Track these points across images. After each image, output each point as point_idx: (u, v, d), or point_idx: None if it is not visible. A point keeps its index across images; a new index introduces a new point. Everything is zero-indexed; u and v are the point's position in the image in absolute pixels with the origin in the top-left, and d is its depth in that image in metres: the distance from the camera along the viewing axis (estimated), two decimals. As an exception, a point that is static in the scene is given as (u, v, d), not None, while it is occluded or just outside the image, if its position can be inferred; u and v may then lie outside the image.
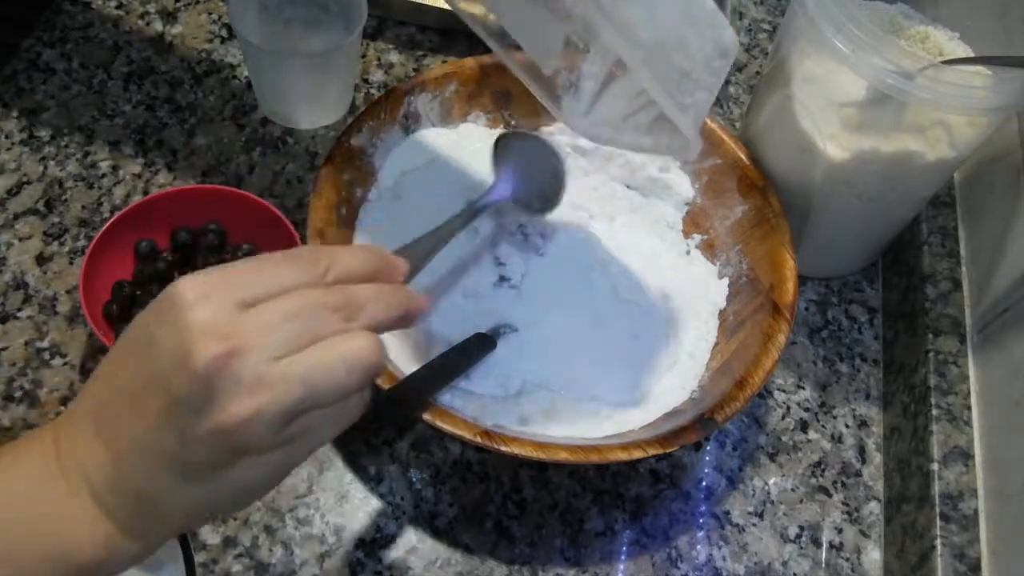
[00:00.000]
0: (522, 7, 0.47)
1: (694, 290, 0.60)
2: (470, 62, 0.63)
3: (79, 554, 0.32)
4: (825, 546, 0.55)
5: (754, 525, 0.56)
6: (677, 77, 0.42)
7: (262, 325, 0.30)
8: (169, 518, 0.33)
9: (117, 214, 0.54)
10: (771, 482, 0.57)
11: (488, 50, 0.53)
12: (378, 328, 0.33)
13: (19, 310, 0.57)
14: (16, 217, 0.61)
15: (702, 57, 0.42)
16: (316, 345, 0.31)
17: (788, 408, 0.61)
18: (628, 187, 0.65)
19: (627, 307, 0.59)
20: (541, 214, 0.58)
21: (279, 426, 0.30)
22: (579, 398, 0.54)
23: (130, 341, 0.32)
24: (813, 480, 0.58)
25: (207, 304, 0.30)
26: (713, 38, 0.42)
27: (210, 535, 0.51)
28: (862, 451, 0.60)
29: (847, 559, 0.55)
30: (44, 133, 0.65)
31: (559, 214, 0.62)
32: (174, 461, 0.31)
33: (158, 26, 0.72)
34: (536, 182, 0.57)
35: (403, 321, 0.35)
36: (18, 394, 0.54)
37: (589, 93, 0.48)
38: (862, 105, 0.54)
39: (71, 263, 0.59)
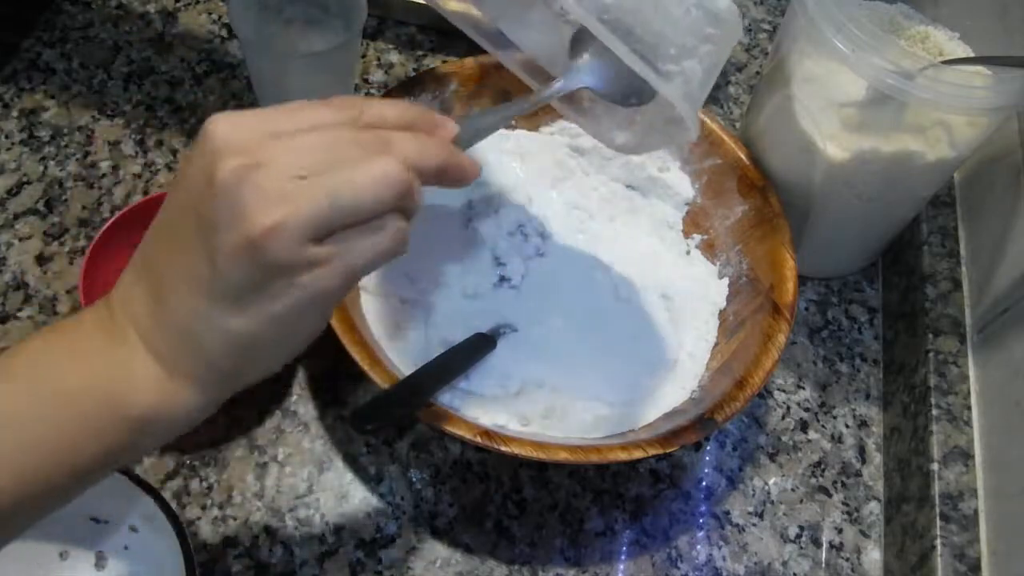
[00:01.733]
0: (521, 12, 0.47)
1: (694, 290, 0.60)
2: (470, 62, 0.63)
3: (133, 401, 0.32)
4: (825, 546, 0.55)
5: (754, 525, 0.56)
6: (653, 41, 0.41)
7: (289, 147, 0.30)
8: (213, 355, 0.32)
9: (117, 214, 0.54)
10: (771, 482, 0.57)
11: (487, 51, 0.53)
12: (410, 168, 0.32)
13: (19, 310, 0.57)
14: (16, 217, 0.61)
15: (687, 22, 0.41)
16: (342, 165, 0.30)
17: (788, 408, 0.61)
18: (628, 187, 0.65)
19: (627, 307, 0.59)
20: (633, 104, 0.50)
21: (306, 239, 0.30)
22: (579, 398, 0.54)
23: (172, 184, 0.32)
24: (813, 480, 0.58)
25: (237, 130, 0.30)
26: (699, 3, 0.41)
27: (210, 535, 0.51)
28: (862, 451, 0.60)
29: (847, 559, 0.55)
30: (44, 133, 0.65)
31: (559, 214, 0.62)
32: (209, 286, 0.31)
33: (158, 26, 0.72)
34: (625, 72, 0.52)
35: (442, 175, 0.34)
36: (18, 394, 0.54)
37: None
38: (862, 105, 0.54)
39: (71, 263, 0.59)
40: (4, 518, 0.32)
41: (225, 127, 0.31)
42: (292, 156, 0.30)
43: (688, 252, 0.63)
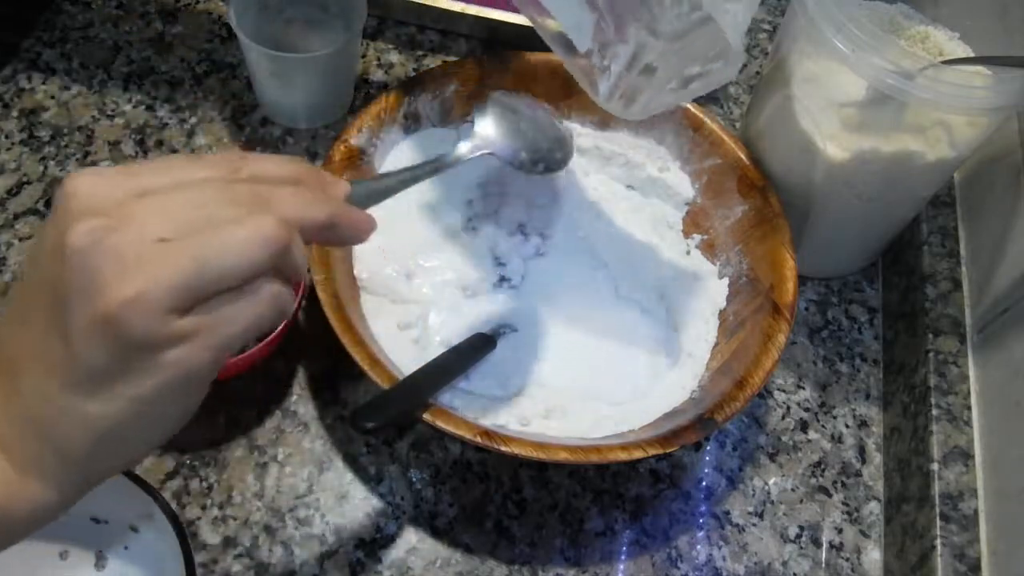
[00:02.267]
0: None
1: (694, 290, 0.60)
2: (470, 62, 0.63)
3: None
4: (825, 546, 0.55)
5: (754, 525, 0.56)
6: None
7: (153, 207, 0.27)
8: (68, 447, 0.29)
9: (117, 214, 0.54)
10: (771, 482, 0.57)
11: (488, 50, 0.53)
12: (291, 223, 0.29)
13: (19, 310, 0.57)
14: (16, 217, 0.61)
15: None
16: (212, 225, 0.27)
17: (788, 408, 0.61)
18: (628, 187, 0.65)
19: (627, 307, 0.59)
20: (541, 173, 0.53)
21: (169, 311, 0.26)
22: (579, 398, 0.54)
23: (28, 255, 0.30)
24: (813, 480, 0.58)
25: (95, 188, 0.27)
26: None
27: (210, 535, 0.51)
28: (862, 451, 0.60)
29: (847, 559, 0.55)
30: (44, 133, 0.65)
31: (560, 214, 0.62)
32: (63, 368, 0.28)
33: (158, 26, 0.72)
34: (526, 144, 0.51)
35: (331, 230, 0.31)
36: (18, 394, 0.54)
37: (616, 74, 0.47)
38: (862, 105, 0.54)
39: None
40: None
41: (83, 186, 0.27)
42: (155, 216, 0.27)
43: (688, 252, 0.63)
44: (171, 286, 0.26)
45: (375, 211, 0.60)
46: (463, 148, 0.50)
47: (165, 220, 0.27)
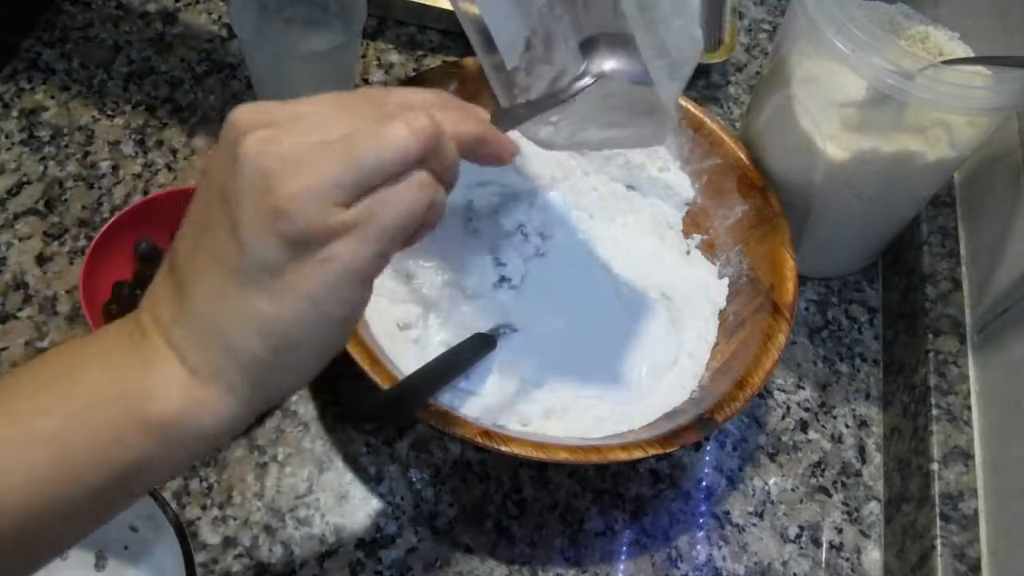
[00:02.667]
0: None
1: (694, 290, 0.60)
2: (470, 62, 0.63)
3: (154, 406, 0.29)
4: (825, 546, 0.55)
5: (754, 525, 0.56)
6: (660, 46, 0.42)
7: (312, 120, 0.30)
8: (245, 351, 0.30)
9: (117, 214, 0.54)
10: (771, 482, 0.57)
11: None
12: (440, 125, 0.31)
13: (19, 310, 0.57)
14: (16, 217, 0.61)
15: (681, 40, 0.42)
16: (367, 127, 0.30)
17: (788, 408, 0.61)
18: (628, 187, 0.65)
19: (627, 307, 0.59)
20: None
21: (331, 203, 0.28)
22: (579, 398, 0.54)
23: (200, 182, 0.32)
24: (813, 480, 0.58)
25: (259, 112, 0.30)
26: (686, 25, 0.42)
27: (210, 535, 0.51)
28: (862, 451, 0.60)
29: (847, 559, 0.55)
30: (44, 133, 0.65)
31: (559, 214, 0.62)
32: (237, 266, 0.29)
33: (158, 26, 0.72)
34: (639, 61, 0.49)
35: (479, 146, 0.33)
36: (18, 394, 0.54)
37: (536, 95, 0.46)
38: (862, 105, 0.54)
39: (71, 263, 0.59)
40: (13, 545, 0.29)
41: (248, 111, 0.30)
42: (316, 125, 0.30)
43: (688, 252, 0.63)
44: (332, 178, 0.28)
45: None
46: (592, 70, 0.46)
47: (325, 127, 0.30)
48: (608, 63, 0.46)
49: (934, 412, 0.55)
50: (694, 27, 0.43)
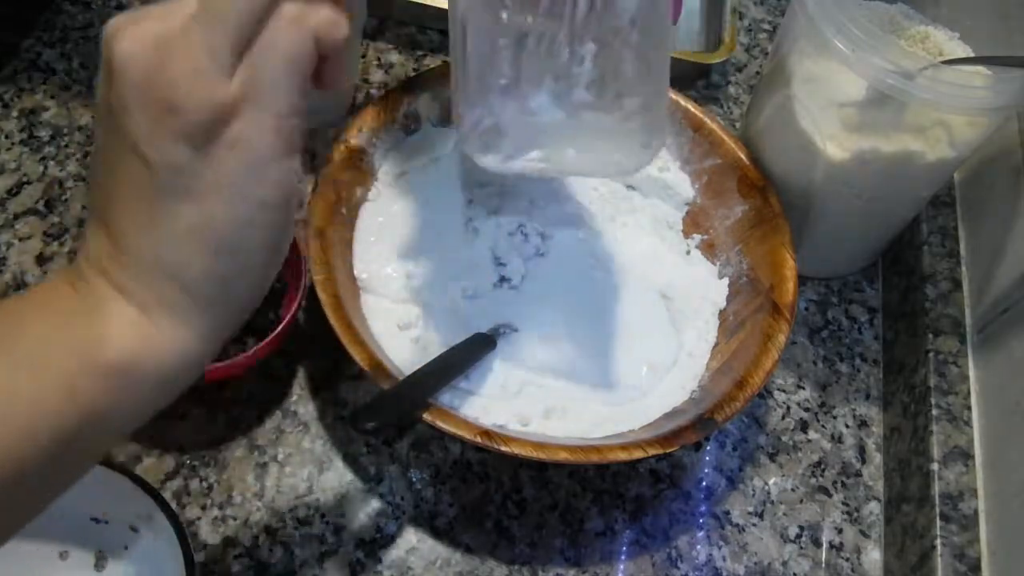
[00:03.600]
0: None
1: (694, 290, 0.60)
2: (470, 62, 0.63)
3: (107, 346, 0.28)
4: (825, 546, 0.55)
5: (754, 525, 0.56)
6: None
7: (174, 4, 0.27)
8: (186, 271, 0.28)
9: (117, 214, 0.54)
10: (771, 482, 0.57)
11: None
12: None
13: (19, 310, 0.57)
14: (16, 217, 0.61)
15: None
16: None
17: (788, 408, 0.61)
18: (628, 187, 0.65)
19: (627, 307, 0.59)
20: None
21: (215, 77, 0.26)
22: (579, 398, 0.54)
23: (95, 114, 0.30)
24: (813, 480, 0.58)
25: (126, 17, 0.28)
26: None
27: (210, 535, 0.51)
28: (862, 451, 0.60)
29: (847, 559, 0.55)
30: (44, 133, 0.65)
31: (559, 214, 0.62)
32: (147, 184, 0.27)
33: (158, 26, 0.72)
34: None
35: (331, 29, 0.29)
36: (18, 394, 0.54)
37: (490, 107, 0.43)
38: (862, 105, 0.54)
39: (71, 263, 0.59)
40: None
41: (117, 18, 0.28)
42: (170, 5, 0.27)
43: (688, 252, 0.63)
44: (203, 50, 0.26)
45: (375, 218, 0.58)
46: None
47: (188, 6, 0.27)
48: None
49: (934, 412, 0.55)
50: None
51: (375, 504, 0.53)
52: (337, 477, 0.54)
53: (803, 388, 0.62)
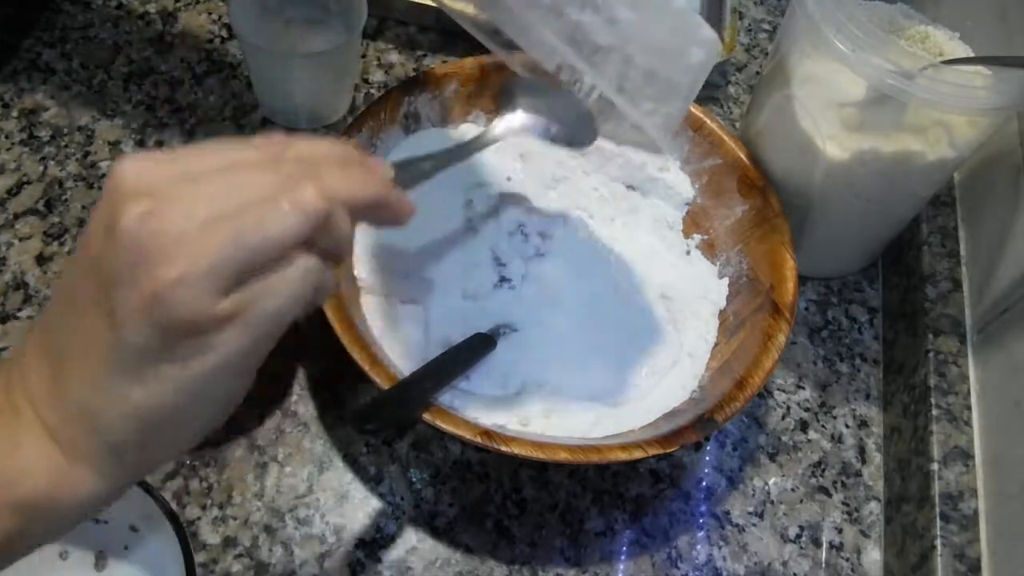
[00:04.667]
0: (518, 12, 0.47)
1: (694, 290, 0.60)
2: (470, 62, 0.63)
3: (22, 484, 0.28)
4: (825, 546, 0.55)
5: (754, 525, 0.56)
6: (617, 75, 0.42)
7: (199, 190, 0.28)
8: (116, 436, 0.29)
9: (117, 214, 0.54)
10: (771, 482, 0.57)
11: (488, 50, 0.53)
12: (336, 199, 0.29)
13: (19, 310, 0.57)
14: (16, 217, 0.61)
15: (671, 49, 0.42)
16: (254, 203, 0.27)
17: (788, 408, 0.61)
18: (628, 187, 0.65)
19: (627, 307, 0.59)
20: (573, 147, 0.53)
21: (214, 292, 0.27)
22: (579, 398, 0.54)
23: (78, 242, 0.30)
24: (813, 480, 0.58)
25: (144, 173, 0.28)
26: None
27: (210, 535, 0.51)
28: (862, 451, 0.60)
29: (847, 559, 0.55)
30: (44, 133, 0.65)
31: (559, 214, 0.62)
32: (109, 351, 0.28)
33: (158, 26, 0.72)
34: (559, 117, 0.51)
35: (376, 210, 0.31)
36: (18, 394, 0.54)
37: (588, 87, 0.47)
38: (862, 105, 0.54)
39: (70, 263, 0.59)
40: None
41: (132, 170, 0.28)
42: (202, 199, 0.27)
43: (688, 252, 0.63)
44: (213, 264, 0.26)
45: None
46: (498, 128, 0.49)
47: (211, 202, 0.27)
48: (518, 118, 0.47)
49: (934, 412, 0.55)
50: (669, 38, 0.41)
51: (375, 504, 0.53)
52: (337, 477, 0.54)
53: (803, 388, 0.62)
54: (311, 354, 0.57)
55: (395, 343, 0.54)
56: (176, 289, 0.26)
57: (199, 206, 0.27)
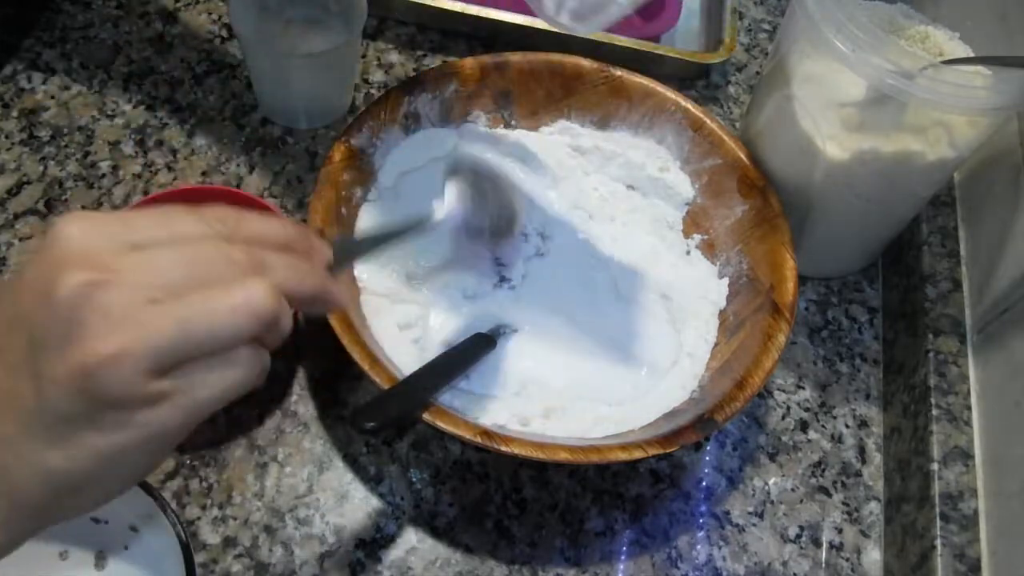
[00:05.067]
0: None
1: (694, 290, 0.60)
2: (470, 62, 0.63)
3: None
4: (825, 546, 0.55)
5: (754, 525, 0.56)
6: None
7: (145, 263, 0.27)
8: (22, 495, 0.28)
9: (117, 214, 0.54)
10: (771, 482, 0.57)
11: (488, 50, 0.53)
12: (283, 292, 0.29)
13: (19, 310, 0.57)
14: (16, 217, 0.61)
15: None
16: (203, 288, 0.27)
17: (788, 408, 0.61)
18: (628, 187, 0.65)
19: (627, 307, 0.59)
20: (493, 241, 0.55)
21: (148, 372, 0.26)
22: (579, 398, 0.54)
23: (5, 284, 0.29)
24: (813, 480, 0.58)
25: (89, 236, 0.27)
26: None
27: (210, 535, 0.51)
28: (862, 451, 0.60)
29: (847, 559, 0.55)
30: (44, 133, 0.65)
31: (559, 214, 0.62)
32: (30, 413, 0.27)
33: (158, 26, 0.72)
34: (487, 212, 0.53)
35: (314, 302, 0.31)
36: (18, 394, 0.54)
37: None
38: (862, 105, 0.54)
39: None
40: None
41: (76, 232, 0.27)
42: (146, 273, 0.27)
43: (688, 252, 0.63)
44: (153, 347, 0.26)
45: (375, 218, 0.59)
46: (438, 213, 0.50)
47: (156, 278, 0.27)
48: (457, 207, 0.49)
49: (934, 412, 0.55)
50: None
51: (375, 504, 0.53)
52: (337, 477, 0.54)
53: (803, 388, 0.62)
54: (311, 354, 0.57)
55: (395, 343, 0.54)
56: (110, 365, 0.26)
57: (143, 281, 0.27)
